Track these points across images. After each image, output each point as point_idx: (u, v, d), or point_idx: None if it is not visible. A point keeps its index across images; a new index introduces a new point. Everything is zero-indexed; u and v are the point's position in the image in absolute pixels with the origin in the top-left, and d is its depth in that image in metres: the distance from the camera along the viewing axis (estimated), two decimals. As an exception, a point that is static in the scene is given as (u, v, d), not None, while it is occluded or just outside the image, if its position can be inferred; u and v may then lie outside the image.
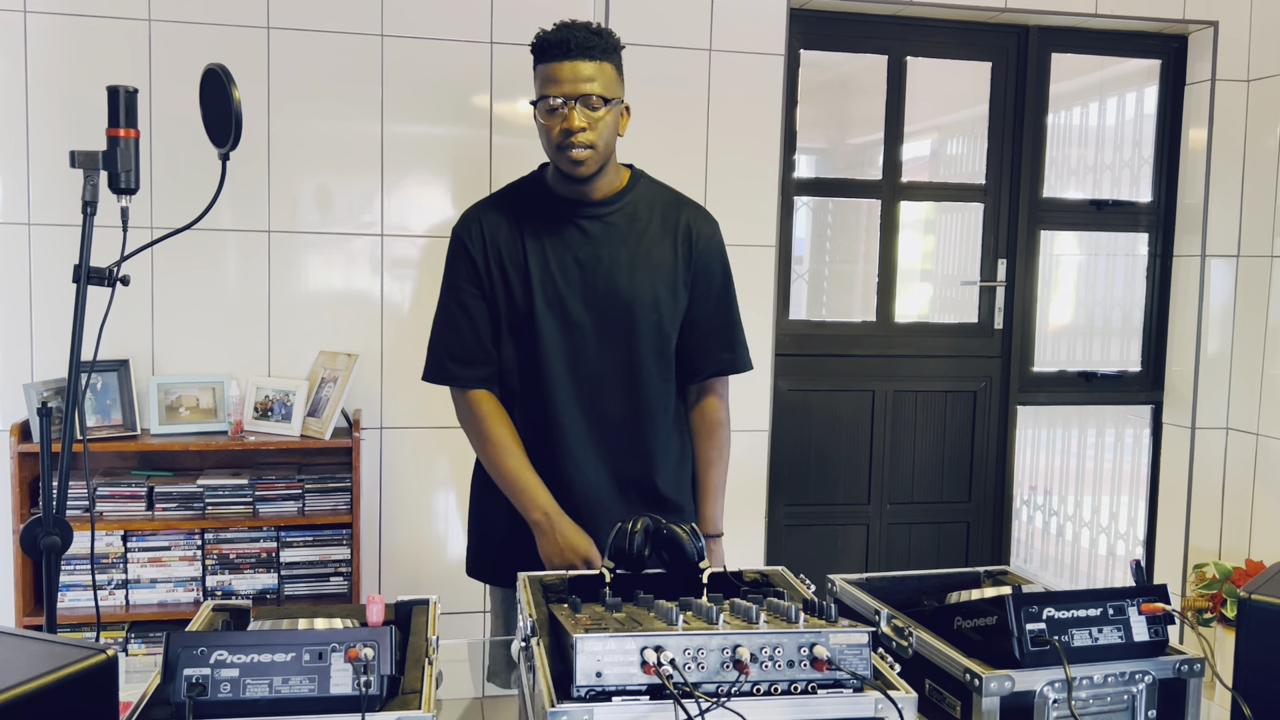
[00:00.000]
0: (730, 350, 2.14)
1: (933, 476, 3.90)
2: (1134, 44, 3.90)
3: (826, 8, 3.62)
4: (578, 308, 2.03)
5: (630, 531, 1.59)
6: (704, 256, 2.09)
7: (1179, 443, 3.94)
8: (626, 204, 2.07)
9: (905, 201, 3.81)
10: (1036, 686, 1.35)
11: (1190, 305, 3.89)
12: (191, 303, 3.19)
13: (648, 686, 1.21)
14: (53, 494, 1.67)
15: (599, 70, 1.94)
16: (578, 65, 1.92)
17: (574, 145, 1.93)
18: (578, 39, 1.92)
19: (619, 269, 2.03)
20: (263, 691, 1.19)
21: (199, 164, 3.05)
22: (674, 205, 2.11)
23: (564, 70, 1.92)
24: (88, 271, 1.67)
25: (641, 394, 2.08)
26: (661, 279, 2.06)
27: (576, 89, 1.92)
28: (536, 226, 2.04)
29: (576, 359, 2.04)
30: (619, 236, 2.05)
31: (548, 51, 1.94)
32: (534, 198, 2.08)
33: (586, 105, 1.93)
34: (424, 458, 3.34)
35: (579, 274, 2.03)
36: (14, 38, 3.04)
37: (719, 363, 2.13)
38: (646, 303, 2.04)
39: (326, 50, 3.20)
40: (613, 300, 2.03)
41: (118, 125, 1.71)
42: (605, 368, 2.05)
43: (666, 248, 2.07)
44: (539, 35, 1.97)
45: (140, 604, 3.06)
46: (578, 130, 1.92)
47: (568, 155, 1.95)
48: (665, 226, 2.07)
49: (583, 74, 1.92)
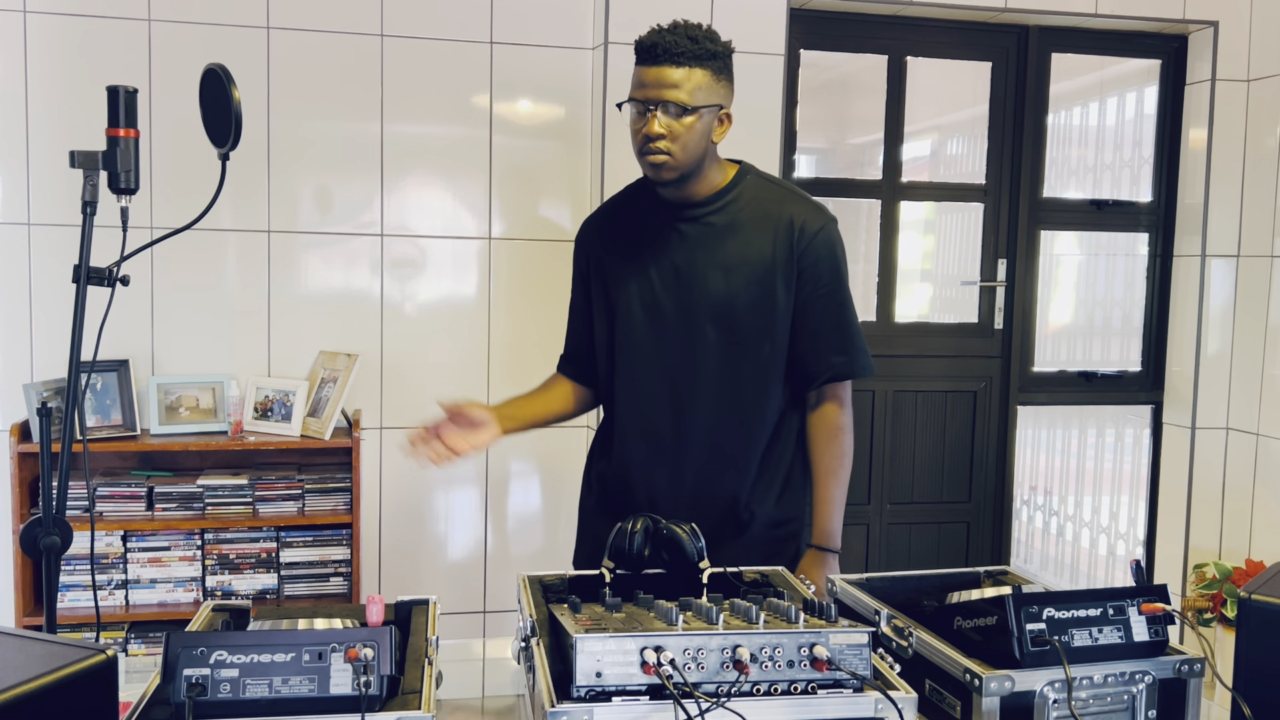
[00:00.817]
0: (844, 354, 2.01)
1: (933, 476, 3.90)
2: (1134, 44, 3.90)
3: (826, 8, 3.62)
4: (671, 312, 2.00)
5: (630, 531, 1.59)
6: (810, 254, 1.99)
7: (1179, 443, 3.94)
8: (727, 203, 2.00)
9: (905, 201, 3.81)
10: (1036, 686, 1.35)
11: (1190, 305, 3.89)
12: (191, 303, 3.19)
13: (648, 686, 1.21)
14: (53, 494, 1.67)
15: (686, 76, 1.89)
16: (663, 71, 1.89)
17: (652, 151, 1.91)
18: (665, 44, 1.89)
19: (713, 270, 1.97)
20: (263, 692, 1.19)
21: (199, 164, 3.05)
22: (779, 201, 2.02)
23: (649, 75, 1.91)
24: (88, 271, 1.67)
25: (735, 402, 2.01)
26: (759, 279, 1.97)
27: (659, 94, 1.89)
28: (638, 232, 2.04)
29: (667, 365, 2.01)
30: (715, 237, 1.99)
31: (640, 54, 1.93)
32: (642, 202, 2.07)
33: (667, 112, 1.90)
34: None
35: (674, 278, 1.99)
36: (14, 38, 3.04)
37: (832, 367, 2.02)
38: (742, 305, 1.97)
39: (326, 50, 3.20)
40: (704, 303, 1.98)
41: (118, 125, 1.71)
42: (695, 373, 2.00)
43: (766, 245, 1.98)
44: (642, 37, 1.95)
45: (140, 604, 3.06)
46: (655, 137, 1.90)
47: (647, 160, 1.93)
48: (767, 223, 1.99)
49: (666, 80, 1.89)
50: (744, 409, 2.01)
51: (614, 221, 2.11)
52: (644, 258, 2.02)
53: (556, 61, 3.36)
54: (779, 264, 1.97)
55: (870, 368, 2.05)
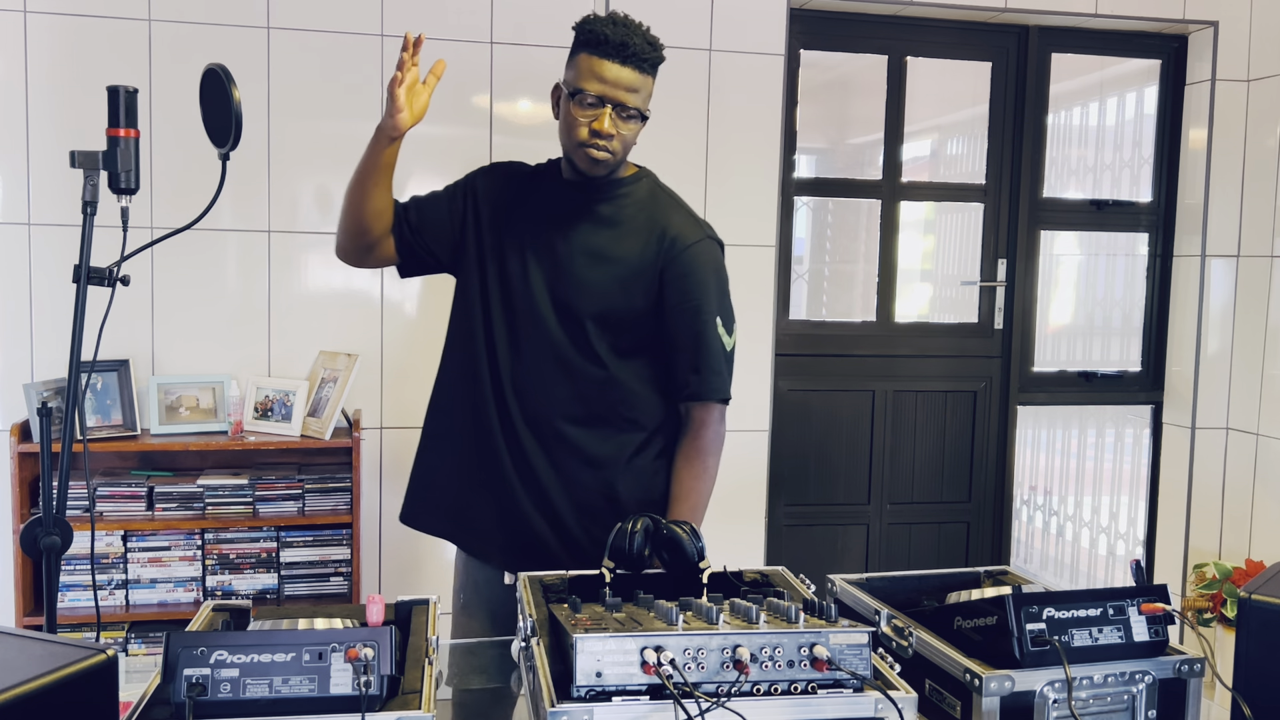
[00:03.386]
0: (698, 373, 1.99)
1: (933, 476, 3.90)
2: (1134, 44, 3.90)
3: (826, 8, 3.62)
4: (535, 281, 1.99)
5: (630, 531, 1.60)
6: (675, 266, 1.97)
7: (1179, 443, 3.94)
8: (616, 197, 2.01)
9: (905, 201, 3.81)
10: (1036, 686, 1.35)
11: (1190, 305, 3.89)
12: (191, 303, 3.19)
13: (648, 686, 1.21)
14: (53, 494, 1.67)
15: (643, 83, 1.89)
16: (626, 72, 1.87)
17: (597, 147, 1.90)
18: (637, 45, 1.87)
19: (582, 255, 1.98)
20: (263, 691, 1.19)
21: (199, 164, 3.05)
22: (664, 210, 2.02)
23: (610, 72, 1.86)
24: (88, 271, 1.67)
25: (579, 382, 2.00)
26: (620, 276, 1.98)
27: (618, 95, 1.87)
28: (529, 193, 2.04)
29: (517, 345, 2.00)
30: (594, 224, 1.99)
31: (602, 46, 1.87)
32: (548, 180, 2.06)
33: (623, 113, 1.89)
34: (424, 458, 3.34)
35: (546, 252, 1.99)
36: (14, 38, 3.04)
37: (687, 385, 2.00)
38: (595, 293, 1.97)
39: (326, 50, 3.20)
40: (566, 284, 1.98)
41: (118, 125, 1.71)
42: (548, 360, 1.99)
43: (636, 247, 1.98)
44: (592, 23, 1.90)
45: (140, 604, 3.06)
46: (606, 135, 1.89)
47: (588, 153, 1.91)
48: (645, 228, 1.99)
49: (628, 83, 1.87)
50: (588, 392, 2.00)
51: (516, 178, 2.09)
52: (520, 221, 2.01)
53: (556, 61, 3.33)
54: (644, 269, 1.97)
55: (723, 392, 2.01)
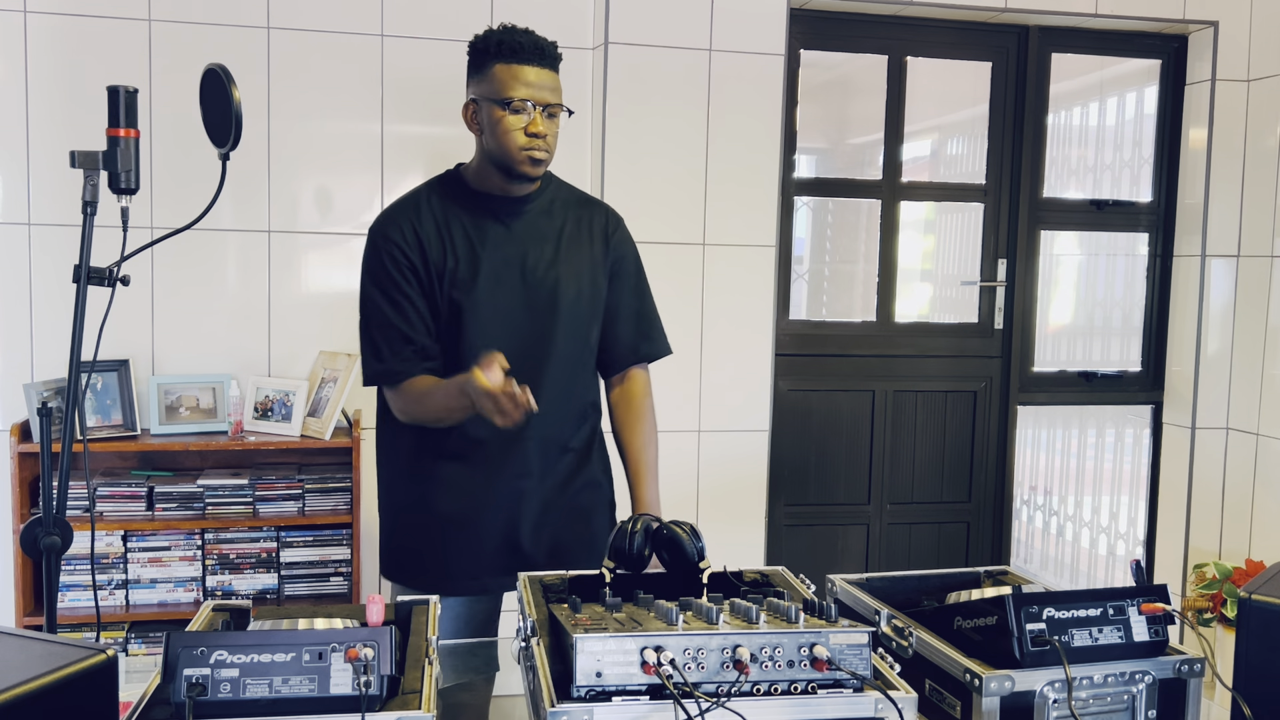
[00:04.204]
0: (648, 340, 2.20)
1: (933, 476, 3.90)
2: (1134, 44, 3.90)
3: (826, 8, 3.62)
4: (510, 302, 2.04)
5: (630, 531, 1.59)
6: (617, 250, 2.16)
7: (1179, 443, 3.94)
8: (543, 202, 2.11)
9: (905, 201, 3.81)
10: (1036, 686, 1.35)
11: (1190, 305, 3.89)
12: (191, 303, 3.19)
13: (648, 686, 1.21)
14: (53, 494, 1.67)
15: (557, 80, 2.01)
16: (544, 73, 1.98)
17: (539, 148, 1.98)
18: (548, 48, 1.98)
19: (547, 264, 2.07)
20: (263, 691, 1.19)
21: (199, 164, 3.05)
22: (585, 204, 2.17)
23: (532, 75, 1.96)
24: (88, 271, 1.67)
25: (569, 386, 2.11)
26: (584, 274, 2.10)
27: (543, 96, 1.97)
28: (463, 223, 2.06)
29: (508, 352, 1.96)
30: (542, 233, 2.09)
31: (520, 53, 1.96)
32: (454, 196, 2.09)
33: (549, 114, 1.99)
34: (424, 458, 3.34)
35: (509, 270, 2.04)
36: (14, 38, 3.04)
37: (638, 353, 2.19)
38: (571, 297, 2.08)
39: (326, 50, 3.20)
40: (543, 294, 2.06)
41: (118, 125, 1.71)
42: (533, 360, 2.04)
43: (586, 240, 2.12)
44: (499, 34, 1.98)
45: (140, 604, 3.06)
46: (542, 135, 1.97)
47: (530, 156, 1.98)
48: (581, 224, 2.13)
49: (548, 82, 1.98)
50: (577, 391, 2.13)
51: (431, 213, 2.07)
52: (472, 247, 2.04)
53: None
54: (598, 257, 2.13)
55: (669, 348, 2.23)
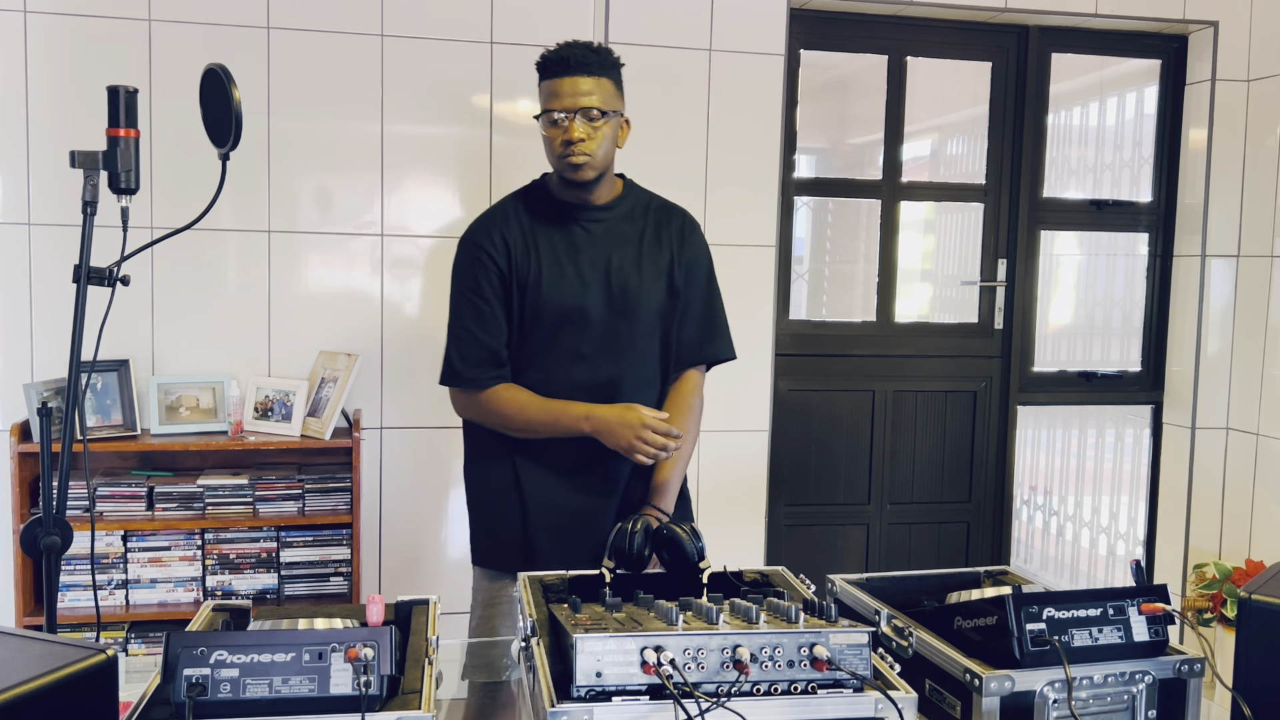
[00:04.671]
0: (711, 343, 2.27)
1: (933, 476, 3.90)
2: (1134, 44, 3.90)
3: (826, 8, 3.62)
4: (593, 306, 2.14)
5: (630, 531, 1.60)
6: (691, 254, 2.24)
7: (1179, 443, 3.94)
8: (624, 208, 2.22)
9: (905, 201, 3.81)
10: (1036, 686, 1.35)
11: (1190, 305, 3.89)
12: (191, 303, 3.19)
13: (648, 686, 1.21)
14: (53, 494, 1.67)
15: (597, 85, 2.08)
16: (577, 81, 2.07)
17: (574, 153, 2.08)
18: (577, 56, 2.08)
19: (629, 269, 2.16)
20: (263, 691, 1.19)
21: (199, 164, 3.05)
22: (663, 210, 2.27)
23: (565, 85, 2.07)
24: (88, 271, 1.67)
25: (649, 386, 2.21)
26: (662, 278, 2.20)
27: (576, 103, 2.07)
28: (548, 230, 2.17)
29: (586, 355, 2.16)
30: (623, 239, 2.19)
31: (550, 68, 2.10)
32: (540, 202, 2.21)
33: (586, 117, 2.07)
34: (424, 458, 3.34)
35: (592, 274, 2.15)
36: (14, 38, 3.04)
37: (700, 354, 2.26)
38: (650, 301, 2.18)
39: (326, 50, 3.20)
40: (624, 298, 2.16)
41: (118, 125, 1.71)
42: (613, 362, 2.16)
43: (663, 249, 2.21)
44: (543, 55, 2.12)
45: (140, 604, 3.06)
46: (578, 140, 2.07)
47: (569, 162, 2.09)
48: (659, 230, 2.23)
49: (581, 89, 2.07)
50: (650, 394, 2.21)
51: (517, 220, 2.19)
52: (556, 253, 2.15)
53: (556, 61, 3.35)
54: (675, 261, 2.22)
55: (734, 352, 2.30)
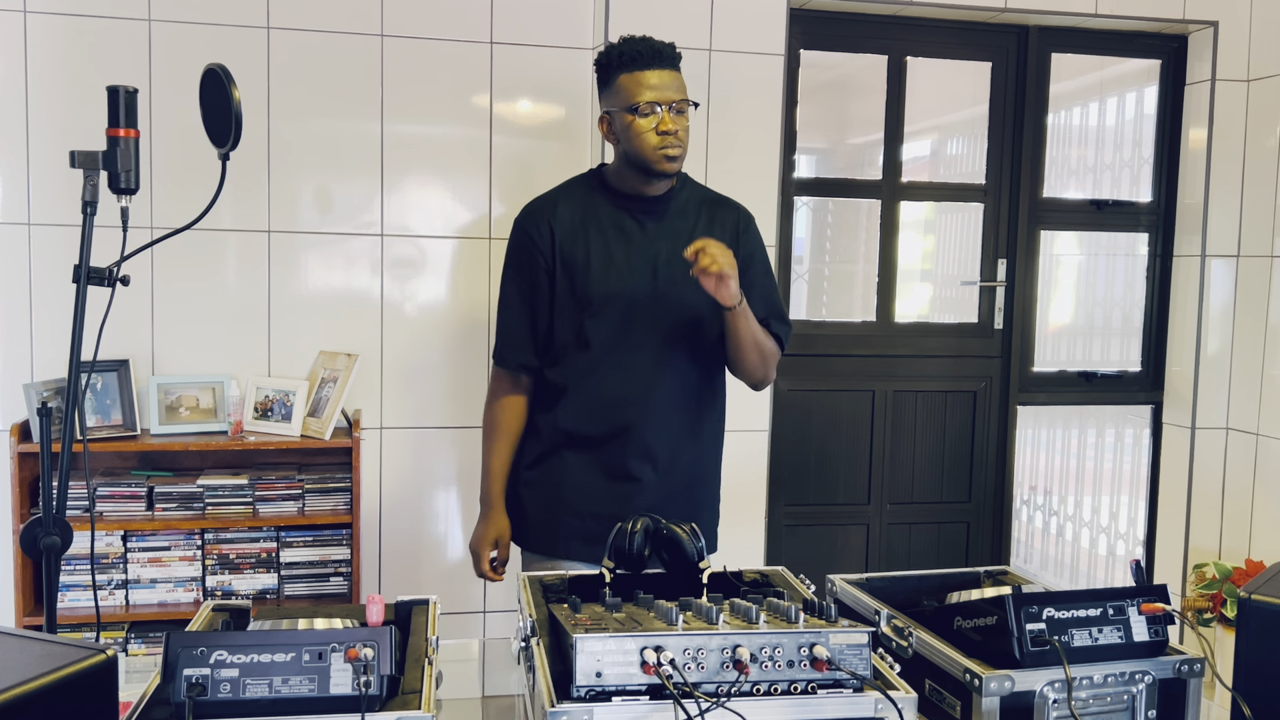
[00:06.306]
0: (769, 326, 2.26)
1: (933, 476, 3.90)
2: (1134, 44, 3.90)
3: (826, 8, 3.62)
4: (642, 296, 2.15)
5: (630, 531, 1.60)
6: (747, 248, 2.24)
7: (1179, 443, 3.94)
8: (679, 201, 2.22)
9: (905, 201, 3.81)
10: (1036, 686, 1.35)
11: (1190, 305, 3.89)
12: (191, 303, 3.19)
13: (648, 686, 1.21)
14: (53, 494, 1.67)
15: (679, 78, 2.11)
16: (665, 73, 2.08)
17: (673, 144, 2.07)
18: (666, 49, 2.09)
19: (678, 262, 2.13)
20: (263, 691, 1.19)
21: (199, 164, 3.05)
22: (716, 200, 2.28)
23: (654, 78, 2.07)
24: (88, 271, 1.67)
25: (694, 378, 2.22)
26: None
27: (667, 95, 2.07)
28: (600, 219, 2.17)
29: (629, 344, 2.16)
30: (676, 231, 2.18)
31: (638, 60, 2.08)
32: (595, 191, 2.21)
33: (679, 110, 2.08)
34: (424, 458, 3.34)
35: (642, 264, 2.15)
36: (14, 38, 3.04)
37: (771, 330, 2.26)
38: (699, 295, 2.13)
39: (326, 50, 3.20)
40: (674, 289, 2.15)
41: (118, 125, 1.71)
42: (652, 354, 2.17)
43: (723, 237, 2.18)
44: (620, 46, 2.11)
45: (140, 604, 3.06)
46: (673, 131, 2.06)
47: (665, 154, 2.08)
48: (714, 223, 2.23)
49: (672, 81, 2.09)
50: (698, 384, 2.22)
51: (570, 207, 2.19)
52: (607, 243, 2.15)
53: (556, 61, 3.35)
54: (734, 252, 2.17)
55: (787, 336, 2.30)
